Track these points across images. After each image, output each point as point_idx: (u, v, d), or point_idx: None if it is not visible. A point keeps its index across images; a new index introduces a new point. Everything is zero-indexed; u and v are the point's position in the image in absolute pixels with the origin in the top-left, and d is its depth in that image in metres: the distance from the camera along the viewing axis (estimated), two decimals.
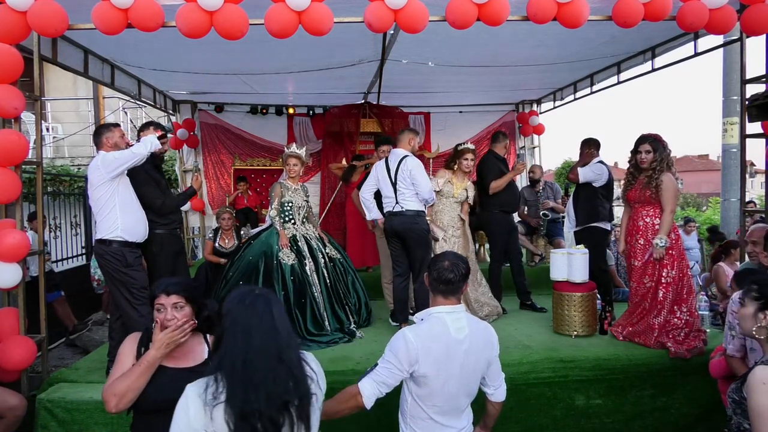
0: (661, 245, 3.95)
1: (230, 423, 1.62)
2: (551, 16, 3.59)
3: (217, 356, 1.72)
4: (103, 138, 3.81)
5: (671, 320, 4.01)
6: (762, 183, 30.51)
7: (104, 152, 3.75)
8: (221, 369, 1.67)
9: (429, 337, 2.24)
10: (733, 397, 2.11)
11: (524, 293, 5.48)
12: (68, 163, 11.91)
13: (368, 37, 4.53)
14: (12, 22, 3.36)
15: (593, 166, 5.13)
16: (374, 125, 8.06)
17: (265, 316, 1.73)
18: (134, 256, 3.75)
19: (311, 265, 4.68)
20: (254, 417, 1.62)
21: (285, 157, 4.94)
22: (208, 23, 3.41)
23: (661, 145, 4.11)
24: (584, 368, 3.78)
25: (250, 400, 1.62)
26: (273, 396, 1.65)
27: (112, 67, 5.36)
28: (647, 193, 4.08)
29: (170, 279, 2.33)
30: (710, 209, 15.70)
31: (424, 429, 2.31)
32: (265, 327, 1.71)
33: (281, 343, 1.72)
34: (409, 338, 2.22)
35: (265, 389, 1.64)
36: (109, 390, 2.07)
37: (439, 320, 2.28)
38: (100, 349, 4.41)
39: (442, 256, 2.38)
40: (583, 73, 6.52)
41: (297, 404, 1.69)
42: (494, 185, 5.21)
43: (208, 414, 1.63)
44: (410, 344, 2.20)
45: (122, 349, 2.23)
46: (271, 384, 1.65)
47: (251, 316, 1.72)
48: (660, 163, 4.06)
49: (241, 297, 1.78)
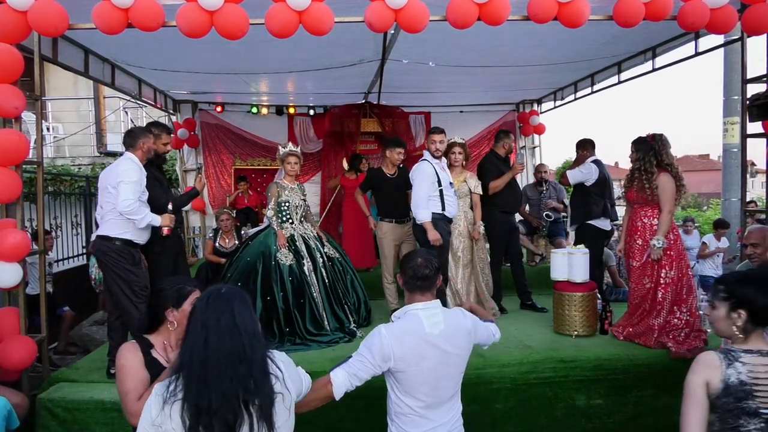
0: (658, 246, 3.95)
1: (185, 420, 1.62)
2: (552, 16, 3.59)
3: (179, 354, 1.74)
4: (140, 141, 3.75)
5: (671, 321, 4.00)
6: (763, 183, 30.45)
7: (134, 164, 3.68)
8: (181, 367, 1.69)
9: (403, 333, 2.28)
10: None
11: (524, 293, 5.48)
12: (69, 162, 11.91)
13: (369, 37, 4.53)
14: (12, 22, 3.36)
15: (582, 166, 5.31)
16: (375, 125, 8.07)
17: (225, 315, 1.73)
18: (138, 254, 3.77)
19: (309, 264, 4.67)
20: (207, 415, 1.62)
21: (283, 156, 4.88)
22: (208, 23, 3.41)
23: (648, 145, 4.10)
24: (585, 368, 3.78)
25: (204, 398, 1.63)
26: (229, 395, 1.65)
27: (112, 67, 5.36)
28: (644, 194, 4.08)
29: (190, 277, 2.32)
30: (711, 210, 15.69)
31: (409, 425, 2.32)
32: (224, 326, 1.71)
33: (242, 342, 1.71)
34: (383, 334, 2.26)
35: (221, 388, 1.64)
36: (137, 413, 1.94)
37: (414, 316, 2.32)
38: (101, 349, 4.40)
39: (413, 254, 2.43)
40: (584, 72, 6.51)
41: (258, 404, 1.68)
42: (493, 185, 5.21)
43: (166, 411, 1.64)
44: (384, 340, 2.24)
45: (125, 360, 2.15)
46: (227, 383, 1.65)
47: (210, 315, 1.73)
48: (644, 163, 4.05)
49: (206, 296, 1.79)
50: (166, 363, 2.18)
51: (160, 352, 2.21)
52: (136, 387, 2.09)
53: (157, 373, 2.13)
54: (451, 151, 4.98)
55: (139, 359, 2.16)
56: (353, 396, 3.54)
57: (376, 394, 3.40)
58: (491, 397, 3.67)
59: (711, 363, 1.95)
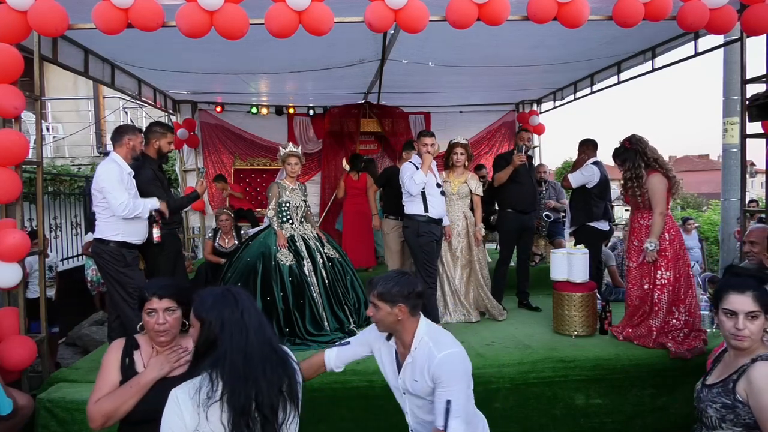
0: (651, 249, 3.96)
1: (228, 420, 1.63)
2: (551, 16, 3.59)
3: (212, 358, 1.71)
4: (125, 138, 3.75)
5: (670, 321, 4.00)
6: (762, 183, 30.48)
7: (116, 164, 3.68)
8: (218, 369, 1.68)
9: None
10: (723, 401, 2.02)
11: (522, 293, 5.52)
12: (68, 163, 11.92)
13: (368, 37, 4.53)
14: (12, 22, 3.36)
15: (583, 169, 5.30)
16: (374, 125, 8.07)
17: (246, 312, 1.78)
18: (132, 256, 3.75)
19: (309, 265, 4.67)
20: (254, 409, 1.66)
21: (284, 157, 4.88)
22: (208, 23, 3.41)
23: (630, 151, 4.11)
24: (584, 368, 3.78)
25: (256, 392, 1.67)
26: (273, 383, 1.72)
27: (112, 67, 5.36)
28: (636, 199, 4.12)
29: (161, 281, 2.29)
30: (710, 210, 15.70)
31: None
32: (255, 323, 1.77)
33: (268, 334, 1.80)
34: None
35: (263, 380, 1.70)
36: (96, 409, 2.03)
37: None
38: (100, 349, 4.41)
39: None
40: (584, 73, 6.52)
41: (287, 384, 1.77)
42: (495, 177, 5.30)
43: (203, 415, 1.63)
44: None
45: (107, 357, 2.18)
46: (268, 374, 1.72)
47: (241, 316, 1.76)
48: (634, 170, 4.07)
49: (221, 300, 1.79)
50: (143, 367, 2.16)
51: (143, 353, 2.20)
52: (100, 388, 2.09)
53: (130, 376, 2.12)
54: (453, 151, 4.98)
55: (117, 361, 2.16)
56: (354, 396, 3.56)
57: (376, 394, 3.42)
58: (490, 396, 3.67)
59: None
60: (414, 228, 4.52)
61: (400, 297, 2.21)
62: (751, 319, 2.00)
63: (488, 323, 4.92)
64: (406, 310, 2.23)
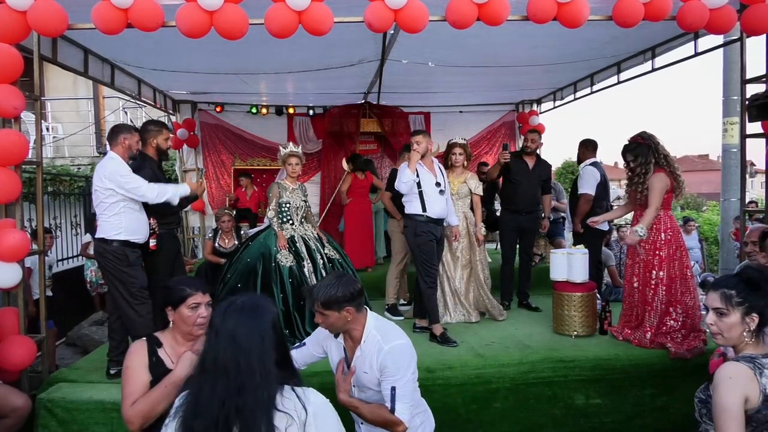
0: (638, 233, 3.95)
1: None
2: (551, 16, 3.59)
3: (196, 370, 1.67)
4: (120, 137, 3.72)
5: (667, 322, 3.99)
6: (762, 183, 30.49)
7: (117, 161, 3.66)
8: (189, 381, 1.68)
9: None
10: (699, 396, 2.05)
11: (522, 293, 5.53)
12: (68, 163, 11.91)
13: (368, 37, 4.53)
14: (12, 22, 3.36)
15: (583, 176, 5.38)
16: (374, 125, 8.08)
17: (237, 328, 1.62)
18: (135, 255, 3.74)
19: (309, 266, 4.65)
20: None
21: (285, 157, 4.86)
22: (208, 23, 3.41)
23: (644, 146, 4.09)
24: (584, 368, 3.78)
25: (194, 421, 1.55)
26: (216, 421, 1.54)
27: (112, 67, 5.36)
28: (636, 196, 4.12)
29: (188, 279, 2.38)
30: (710, 211, 15.72)
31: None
32: (224, 341, 1.61)
33: (239, 362, 1.59)
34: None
35: (209, 413, 1.55)
36: (134, 412, 2.04)
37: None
38: (100, 349, 4.41)
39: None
40: (583, 73, 6.52)
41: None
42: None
43: (169, 425, 1.60)
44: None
45: (130, 362, 2.16)
46: (216, 407, 1.54)
47: (221, 326, 1.64)
48: (645, 166, 4.05)
49: (227, 309, 1.67)
50: (172, 363, 2.18)
51: (167, 350, 2.21)
52: (132, 392, 2.08)
53: (161, 374, 2.13)
54: (451, 151, 4.98)
55: (144, 361, 2.16)
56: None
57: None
58: (490, 396, 3.68)
59: (746, 375, 1.84)
60: (412, 227, 4.52)
61: (345, 301, 2.28)
62: (719, 315, 2.00)
63: (488, 323, 4.92)
64: (354, 311, 2.32)
